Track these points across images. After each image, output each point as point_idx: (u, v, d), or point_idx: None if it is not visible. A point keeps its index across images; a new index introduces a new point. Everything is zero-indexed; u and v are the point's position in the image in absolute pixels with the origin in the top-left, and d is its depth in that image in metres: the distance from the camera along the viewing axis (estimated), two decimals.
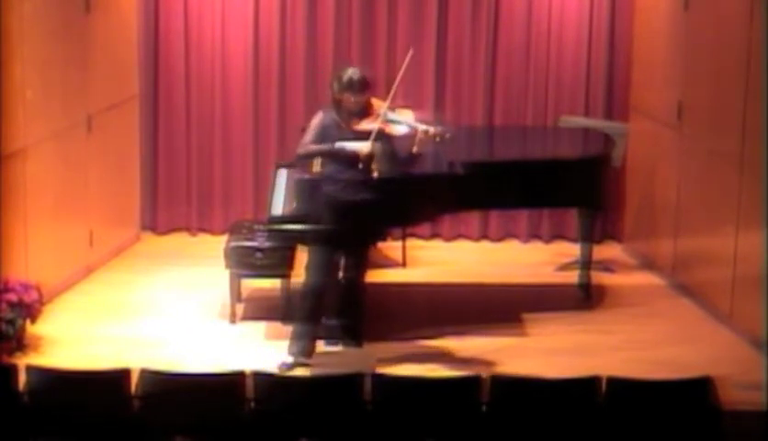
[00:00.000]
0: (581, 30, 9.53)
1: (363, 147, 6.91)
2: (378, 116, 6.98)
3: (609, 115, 9.52)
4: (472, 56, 9.57)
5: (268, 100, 9.56)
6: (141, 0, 9.36)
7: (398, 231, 8.77)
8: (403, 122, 7.01)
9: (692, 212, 8.41)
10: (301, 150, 7.12)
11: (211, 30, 9.48)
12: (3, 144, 7.40)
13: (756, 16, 7.48)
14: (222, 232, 9.05)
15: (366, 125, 6.97)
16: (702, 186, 8.25)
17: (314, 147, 7.05)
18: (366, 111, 7.02)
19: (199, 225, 9.71)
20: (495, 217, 9.70)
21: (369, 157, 6.94)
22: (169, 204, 9.69)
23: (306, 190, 7.33)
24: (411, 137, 6.97)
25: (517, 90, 9.62)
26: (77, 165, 8.43)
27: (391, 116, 7.00)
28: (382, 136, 6.98)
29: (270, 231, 7.58)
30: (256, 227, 7.96)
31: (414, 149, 7.00)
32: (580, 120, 9.20)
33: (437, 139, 6.98)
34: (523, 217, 9.67)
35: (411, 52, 7.24)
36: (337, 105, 7.05)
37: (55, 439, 5.71)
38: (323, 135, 7.03)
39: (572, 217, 9.07)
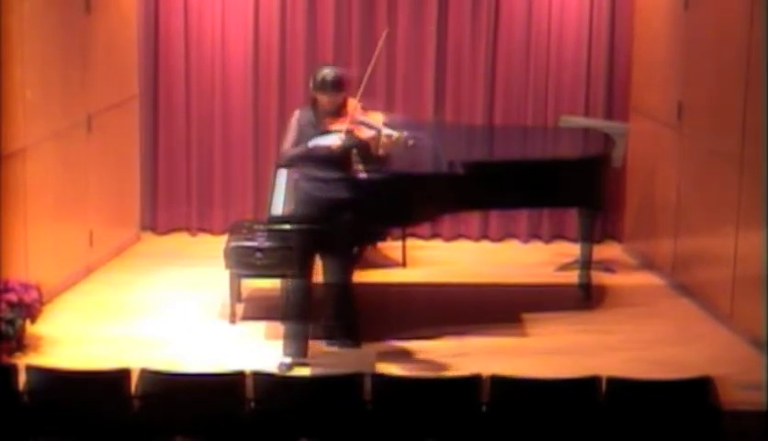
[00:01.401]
0: (581, 30, 9.53)
1: (335, 140, 6.91)
2: (348, 117, 7.00)
3: (609, 115, 9.52)
4: (472, 56, 9.57)
5: (268, 100, 9.57)
6: (141, 0, 9.36)
7: (398, 231, 8.77)
8: (371, 125, 7.01)
9: (692, 212, 8.41)
10: (282, 159, 7.17)
11: (211, 30, 9.48)
12: (3, 144, 7.40)
13: (756, 15, 7.48)
14: (222, 232, 9.06)
15: (336, 126, 7.01)
16: (702, 186, 8.25)
17: (292, 151, 7.05)
18: (340, 111, 7.03)
19: (199, 225, 9.71)
20: (495, 217, 9.70)
21: (343, 149, 6.94)
22: (169, 204, 9.69)
23: None
24: (375, 140, 7.00)
25: (517, 90, 9.62)
26: (77, 165, 8.43)
27: (361, 118, 7.00)
28: (352, 137, 7.00)
29: (270, 231, 7.58)
30: (256, 227, 7.96)
31: (380, 151, 7.04)
32: (580, 120, 9.20)
33: (401, 146, 7.01)
34: (523, 217, 9.67)
35: (385, 31, 7.23)
36: (313, 104, 7.08)
37: (55, 439, 5.70)
38: (301, 134, 7.04)
39: (572, 217, 9.07)
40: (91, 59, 8.50)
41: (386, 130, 6.97)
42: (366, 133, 6.98)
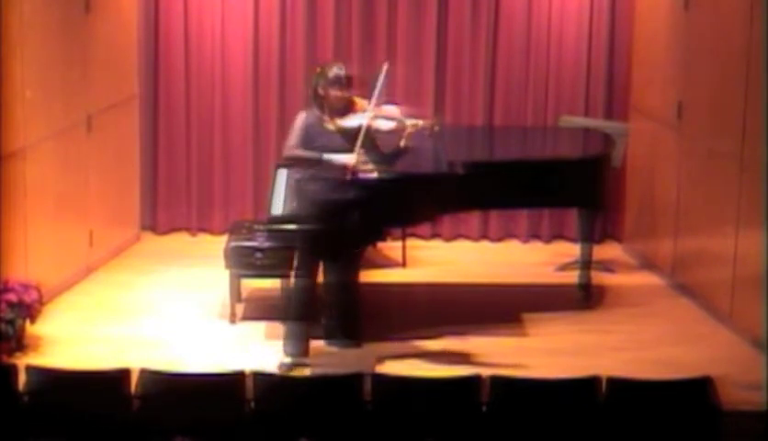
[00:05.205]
0: (581, 30, 9.52)
1: (350, 159, 6.91)
2: (363, 112, 6.98)
3: (609, 115, 9.52)
4: (472, 56, 9.57)
5: (268, 100, 9.56)
6: (141, 0, 9.36)
7: (398, 231, 8.77)
8: (390, 117, 7.02)
9: (692, 212, 8.41)
10: (288, 152, 7.06)
11: (211, 30, 9.48)
12: (3, 144, 7.41)
13: (756, 16, 7.48)
14: (222, 232, 9.05)
15: (351, 121, 6.98)
16: (702, 186, 8.25)
17: (302, 153, 6.98)
18: (349, 108, 7.03)
19: (199, 225, 9.71)
20: (495, 217, 9.70)
21: (357, 168, 6.95)
22: (169, 204, 9.69)
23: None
24: (398, 131, 7.00)
25: (517, 90, 9.62)
26: (77, 165, 8.43)
27: (377, 111, 7.00)
28: (368, 132, 6.97)
29: (270, 231, 7.58)
30: (256, 227, 7.96)
31: (402, 143, 7.04)
32: (580, 120, 9.19)
33: (426, 131, 7.03)
34: (523, 217, 9.67)
35: (386, 66, 7.16)
36: (320, 102, 7.04)
37: (55, 439, 5.70)
38: (308, 135, 6.99)
39: (572, 217, 9.06)
40: (91, 59, 8.50)
41: (410, 120, 6.98)
42: (385, 125, 6.98)
